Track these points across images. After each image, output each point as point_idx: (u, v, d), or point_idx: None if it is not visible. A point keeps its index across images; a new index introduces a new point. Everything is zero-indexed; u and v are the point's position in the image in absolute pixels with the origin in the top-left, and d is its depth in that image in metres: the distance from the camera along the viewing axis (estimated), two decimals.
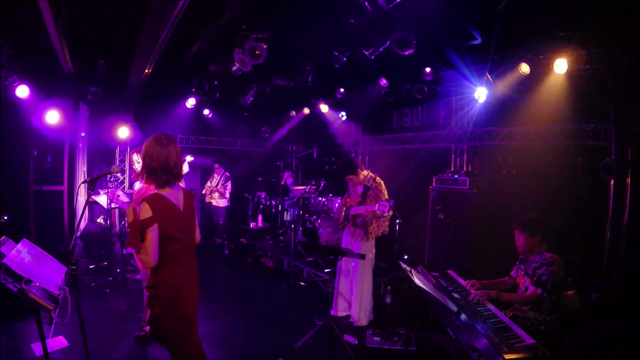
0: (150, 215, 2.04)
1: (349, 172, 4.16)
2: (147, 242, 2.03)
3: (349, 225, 4.27)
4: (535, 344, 2.15)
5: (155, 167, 2.14)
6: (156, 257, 2.05)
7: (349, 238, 4.30)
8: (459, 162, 6.22)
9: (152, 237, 2.03)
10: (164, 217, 2.08)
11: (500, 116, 5.42)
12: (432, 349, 3.66)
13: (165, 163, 2.15)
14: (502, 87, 4.83)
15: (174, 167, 2.19)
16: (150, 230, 2.03)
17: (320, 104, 7.45)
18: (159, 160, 2.14)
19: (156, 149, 2.16)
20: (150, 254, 2.03)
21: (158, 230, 2.05)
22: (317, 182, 7.31)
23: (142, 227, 2.03)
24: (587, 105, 4.46)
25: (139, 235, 2.04)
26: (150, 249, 2.03)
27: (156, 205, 2.08)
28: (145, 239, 2.03)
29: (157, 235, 2.05)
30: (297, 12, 4.18)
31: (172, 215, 2.15)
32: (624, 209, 4.25)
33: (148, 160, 2.15)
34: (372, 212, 3.87)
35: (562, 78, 4.33)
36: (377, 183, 4.12)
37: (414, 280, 2.66)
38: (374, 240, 4.23)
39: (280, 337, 3.98)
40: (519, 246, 2.98)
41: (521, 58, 4.46)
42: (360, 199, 4.14)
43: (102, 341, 3.59)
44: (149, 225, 2.03)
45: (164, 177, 2.16)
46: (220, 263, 6.87)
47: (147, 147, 2.19)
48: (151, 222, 2.03)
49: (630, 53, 3.85)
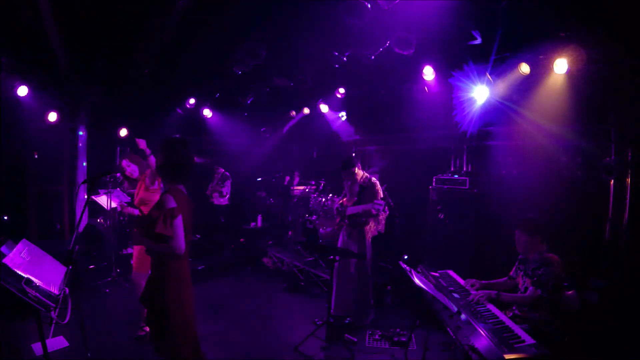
0: (176, 205, 2.19)
1: (348, 168, 4.21)
2: (175, 229, 2.15)
3: (345, 225, 4.28)
4: (536, 344, 2.15)
5: (181, 164, 2.32)
6: (184, 243, 2.18)
7: (345, 238, 4.31)
8: (459, 162, 6.21)
9: (179, 225, 2.17)
10: (184, 210, 2.24)
11: (500, 116, 5.41)
12: (432, 349, 3.66)
13: (187, 164, 2.36)
14: (502, 87, 4.82)
15: (191, 168, 2.40)
16: (178, 219, 2.17)
17: (320, 104, 7.44)
18: (186, 161, 2.35)
19: (185, 148, 2.36)
20: (179, 240, 2.16)
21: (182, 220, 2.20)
22: (317, 182, 7.31)
23: (172, 215, 2.15)
24: (587, 105, 4.45)
25: (170, 222, 2.15)
26: (178, 235, 2.16)
27: (179, 198, 2.24)
28: (174, 226, 2.15)
29: (181, 223, 2.19)
30: (297, 12, 4.18)
31: (188, 210, 2.32)
32: (624, 209, 4.24)
33: (174, 158, 2.32)
34: (367, 211, 3.94)
35: (562, 78, 4.32)
36: (373, 183, 4.18)
37: (414, 280, 2.66)
38: (371, 240, 4.24)
39: (280, 337, 3.98)
40: (519, 247, 2.98)
41: (521, 58, 4.45)
42: (356, 198, 4.17)
43: (102, 341, 3.59)
44: (177, 214, 2.17)
45: (184, 177, 2.36)
46: (220, 262, 6.86)
47: (174, 145, 2.36)
48: (177, 212, 2.18)
49: (631, 53, 3.85)
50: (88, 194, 2.72)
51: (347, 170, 4.25)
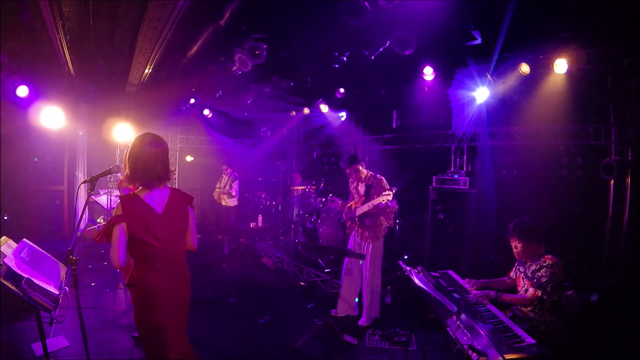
0: (120, 213, 2.04)
1: (354, 164, 4.16)
2: (112, 240, 2.03)
3: (356, 227, 4.24)
4: (536, 344, 2.15)
5: (135, 168, 2.13)
6: (121, 256, 2.02)
7: (357, 240, 4.25)
8: (459, 162, 6.22)
9: (116, 235, 2.02)
10: (132, 218, 2.06)
11: (500, 116, 5.41)
12: (432, 349, 3.66)
13: (146, 164, 2.11)
14: (502, 87, 4.83)
15: (154, 169, 2.13)
16: (117, 229, 2.02)
17: (320, 104, 7.45)
18: (140, 160, 2.12)
19: (138, 149, 2.14)
20: (115, 251, 2.01)
21: (125, 230, 2.04)
22: (317, 182, 7.31)
23: (110, 224, 2.04)
24: (587, 105, 4.45)
25: (106, 231, 2.05)
26: (114, 247, 2.02)
27: (127, 205, 2.07)
28: (112, 236, 2.03)
29: (123, 234, 2.03)
30: (298, 12, 4.18)
31: (144, 217, 2.09)
32: (624, 209, 4.25)
33: (130, 160, 2.14)
34: (376, 205, 3.89)
35: (562, 78, 4.32)
36: (378, 180, 4.13)
37: (414, 280, 2.66)
38: (383, 239, 4.22)
39: (280, 337, 3.98)
40: (516, 253, 2.93)
41: (521, 58, 4.46)
42: (363, 198, 4.12)
43: (102, 341, 3.59)
44: (115, 223, 2.03)
45: (145, 178, 2.13)
46: (220, 262, 6.86)
47: (131, 147, 2.17)
48: (118, 220, 2.02)
49: (631, 53, 3.85)
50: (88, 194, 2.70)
51: (352, 167, 4.17)
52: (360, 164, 4.20)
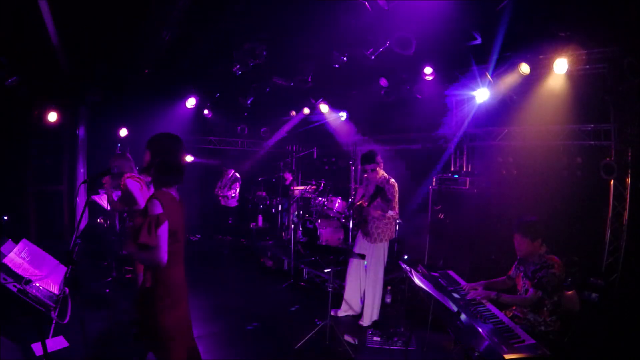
0: (162, 211, 2.02)
1: (372, 162, 4.13)
2: (160, 238, 1.98)
3: (363, 226, 4.24)
4: (536, 344, 2.15)
5: (169, 165, 2.14)
6: (166, 254, 2.01)
7: (362, 240, 4.27)
8: (459, 162, 6.22)
9: (164, 232, 2.00)
10: (172, 214, 2.07)
11: (500, 116, 5.41)
12: (432, 349, 3.66)
13: (179, 162, 2.17)
14: (502, 87, 4.83)
15: (184, 167, 2.21)
16: (163, 226, 2.00)
17: (320, 104, 7.44)
18: (175, 158, 2.16)
19: (176, 146, 2.17)
20: (161, 250, 1.99)
21: (168, 227, 2.03)
22: (317, 182, 7.30)
23: (157, 223, 1.99)
24: (587, 105, 4.45)
25: (154, 230, 1.99)
26: (160, 245, 1.99)
27: (166, 202, 2.06)
28: (158, 235, 1.98)
29: (167, 231, 2.02)
30: (297, 12, 4.18)
31: (178, 214, 2.15)
32: (624, 209, 4.25)
33: (166, 156, 2.13)
34: (381, 214, 3.96)
35: (562, 78, 4.32)
36: (391, 185, 4.08)
37: (414, 280, 2.66)
38: (388, 242, 4.23)
39: (280, 337, 3.98)
40: (519, 250, 2.93)
41: (521, 58, 4.46)
42: (370, 198, 4.09)
43: (102, 341, 3.59)
44: (162, 222, 1.99)
45: (179, 175, 2.18)
46: (220, 262, 6.86)
47: (164, 143, 2.18)
48: (163, 218, 2.01)
49: (630, 53, 3.85)
50: (88, 194, 2.70)
51: (371, 164, 4.13)
52: (380, 164, 4.17)
